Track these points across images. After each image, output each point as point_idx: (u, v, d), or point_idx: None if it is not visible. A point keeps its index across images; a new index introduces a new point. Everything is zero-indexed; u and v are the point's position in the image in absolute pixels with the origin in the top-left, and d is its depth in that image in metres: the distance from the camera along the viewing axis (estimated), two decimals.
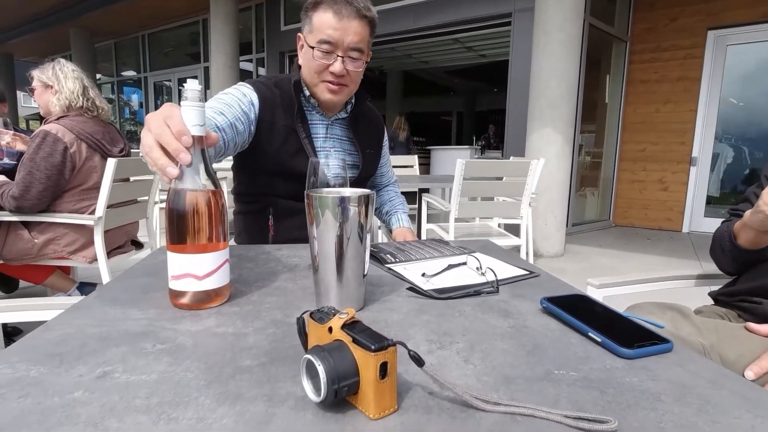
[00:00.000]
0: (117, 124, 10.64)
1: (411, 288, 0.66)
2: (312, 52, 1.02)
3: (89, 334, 0.49)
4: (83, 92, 1.84)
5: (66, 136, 1.73)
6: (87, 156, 1.81)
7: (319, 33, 1.00)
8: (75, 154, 1.76)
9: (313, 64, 1.04)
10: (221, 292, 0.59)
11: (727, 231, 0.93)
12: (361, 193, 0.55)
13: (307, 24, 1.04)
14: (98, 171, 1.84)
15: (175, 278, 0.57)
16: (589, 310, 0.57)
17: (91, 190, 1.84)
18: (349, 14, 0.99)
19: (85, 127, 1.81)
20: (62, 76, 1.82)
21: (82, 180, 1.82)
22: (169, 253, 0.57)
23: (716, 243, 0.97)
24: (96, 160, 1.84)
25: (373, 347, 0.34)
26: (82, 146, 1.79)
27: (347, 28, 1.00)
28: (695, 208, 4.96)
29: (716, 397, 0.39)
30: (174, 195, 0.55)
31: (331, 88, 1.06)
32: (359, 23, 1.01)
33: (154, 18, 8.36)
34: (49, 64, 1.87)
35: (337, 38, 1.00)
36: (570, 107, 3.73)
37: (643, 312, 0.78)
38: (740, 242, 0.88)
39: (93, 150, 1.83)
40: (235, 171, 1.19)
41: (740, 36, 4.57)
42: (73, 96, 1.81)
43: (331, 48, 1.01)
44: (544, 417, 0.36)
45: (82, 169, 1.80)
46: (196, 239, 0.56)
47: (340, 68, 1.02)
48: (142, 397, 0.37)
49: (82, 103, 1.83)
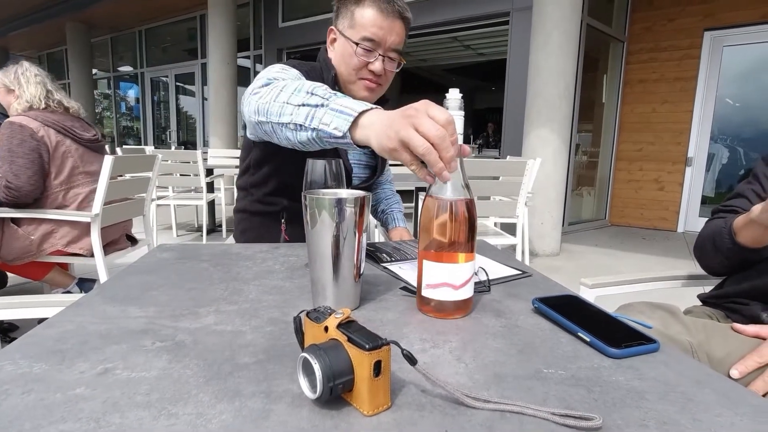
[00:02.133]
0: (113, 119, 10.59)
1: (405, 287, 0.67)
2: (354, 48, 1.00)
3: (90, 331, 0.50)
4: (46, 96, 1.83)
5: (31, 124, 1.73)
6: (57, 141, 1.79)
7: (362, 29, 0.99)
8: (44, 139, 1.75)
9: (353, 61, 1.01)
10: (469, 303, 0.59)
11: (725, 227, 0.88)
12: (357, 195, 0.56)
13: (347, 18, 1.01)
14: (73, 155, 1.83)
15: (431, 287, 0.57)
16: (579, 310, 0.58)
17: (74, 177, 1.83)
18: (393, 13, 0.98)
19: (49, 116, 1.80)
20: (24, 80, 1.82)
21: (59, 165, 1.80)
22: (425, 261, 0.57)
23: (708, 240, 0.93)
24: (67, 144, 1.83)
25: (368, 346, 0.35)
26: (50, 131, 1.77)
27: (391, 27, 0.99)
28: (690, 208, 5.00)
29: (699, 396, 0.41)
30: (436, 204, 0.56)
31: (369, 86, 1.04)
32: (401, 24, 1.01)
33: (151, 12, 8.32)
34: (12, 67, 1.86)
35: (381, 37, 0.99)
36: (567, 106, 3.75)
37: (634, 311, 0.80)
38: (741, 240, 0.84)
39: (63, 135, 1.82)
40: (250, 163, 1.11)
41: (736, 37, 4.60)
42: (34, 100, 1.81)
43: (374, 46, 1.00)
44: (532, 414, 0.37)
45: (55, 153, 1.79)
46: (457, 248, 0.56)
47: (380, 67, 1.01)
48: (143, 393, 0.38)
49: (45, 104, 1.82)
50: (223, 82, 6.14)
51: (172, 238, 4.18)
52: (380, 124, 0.59)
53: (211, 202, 4.28)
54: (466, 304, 0.58)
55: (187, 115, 9.10)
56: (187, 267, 0.77)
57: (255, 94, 0.78)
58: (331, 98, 0.67)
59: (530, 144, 3.83)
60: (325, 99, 0.67)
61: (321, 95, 0.68)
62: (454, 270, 0.56)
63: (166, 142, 9.32)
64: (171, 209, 4.20)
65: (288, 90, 0.72)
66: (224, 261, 0.81)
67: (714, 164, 4.93)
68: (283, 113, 0.71)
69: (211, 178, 4.18)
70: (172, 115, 9.17)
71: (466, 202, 0.57)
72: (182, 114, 9.17)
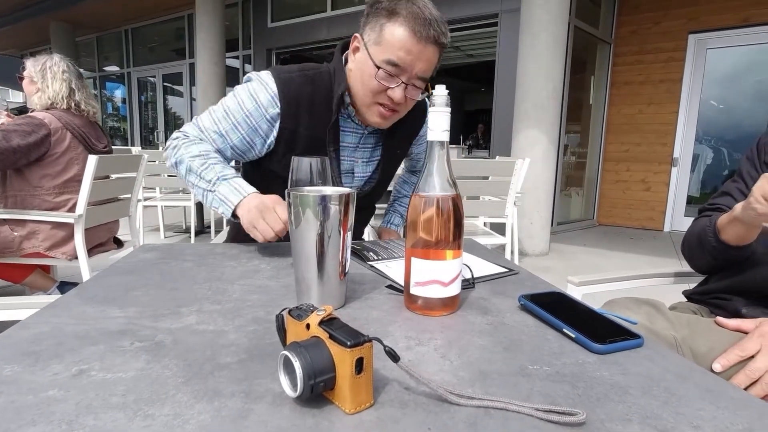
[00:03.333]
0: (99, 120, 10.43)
1: (391, 286, 0.67)
2: (375, 70, 0.87)
3: (66, 332, 0.49)
4: (69, 95, 1.81)
5: (53, 124, 1.71)
6: (70, 146, 1.77)
7: (389, 50, 0.86)
8: (56, 142, 1.73)
9: (371, 83, 0.89)
10: (456, 300, 0.59)
11: (710, 226, 0.87)
12: (341, 192, 0.55)
13: (375, 32, 0.88)
14: (80, 163, 1.81)
15: (420, 284, 0.57)
16: (565, 307, 0.58)
17: (71, 183, 1.81)
18: (427, 38, 0.84)
19: (73, 119, 1.80)
20: (50, 75, 1.80)
21: (61, 170, 1.78)
22: (413, 259, 0.57)
23: (694, 239, 0.93)
24: (79, 151, 1.82)
25: (349, 343, 0.34)
26: (67, 135, 1.76)
27: (421, 53, 0.86)
28: (676, 207, 5.07)
29: (682, 390, 0.41)
30: (423, 201, 0.56)
31: (384, 113, 0.93)
32: (434, 50, 0.87)
33: (137, 12, 8.21)
34: (42, 57, 1.84)
35: (408, 63, 0.86)
36: (555, 108, 3.78)
37: (620, 307, 0.80)
38: (725, 238, 0.84)
39: (78, 141, 1.81)
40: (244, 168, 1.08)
41: (719, 40, 4.68)
42: (57, 97, 1.79)
43: (398, 72, 0.88)
44: (516, 410, 0.37)
45: (62, 157, 1.76)
46: (444, 245, 0.56)
47: (401, 96, 0.89)
48: (119, 394, 0.37)
49: (66, 105, 1.80)
50: (212, 82, 6.08)
51: (159, 239, 4.12)
52: (247, 214, 0.83)
53: (199, 204, 4.24)
54: (454, 301, 0.58)
55: (176, 115, 9.00)
56: (171, 267, 0.75)
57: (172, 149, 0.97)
58: (216, 185, 0.88)
59: (519, 144, 3.86)
60: (212, 185, 0.89)
61: (208, 180, 0.89)
62: (443, 267, 0.56)
63: (153, 143, 9.20)
64: (158, 210, 4.15)
65: (184, 167, 0.93)
66: (209, 261, 0.80)
67: (699, 165, 5.02)
68: (187, 182, 0.94)
69: None
70: (159, 115, 9.06)
71: (452, 198, 0.56)
72: (170, 114, 9.06)
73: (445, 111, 0.56)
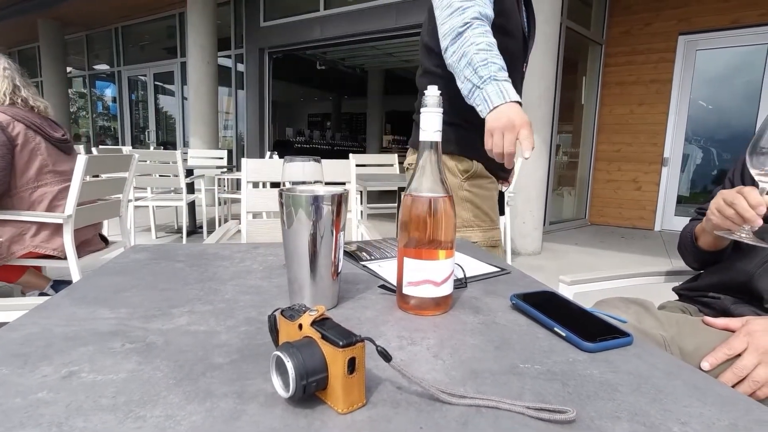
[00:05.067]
0: (89, 119, 10.31)
1: (384, 286, 0.67)
2: None
3: (56, 333, 0.48)
4: (12, 91, 1.77)
5: (0, 117, 1.67)
6: (28, 137, 1.73)
7: None
8: (14, 134, 1.69)
9: None
10: (448, 299, 0.59)
11: (689, 232, 0.97)
12: (334, 192, 0.55)
13: None
14: (42, 153, 1.77)
15: (412, 284, 0.57)
16: (556, 306, 0.59)
17: (42, 175, 1.77)
18: None
19: (18, 112, 1.74)
20: None
21: (26, 162, 1.74)
22: (405, 259, 0.57)
23: (681, 241, 1.02)
24: (38, 141, 1.77)
25: (341, 343, 0.35)
26: (19, 126, 1.71)
27: None
28: (666, 207, 5.13)
29: (670, 387, 0.41)
30: (415, 201, 0.56)
31: None
32: None
33: (127, 10, 8.13)
34: None
35: None
36: (547, 108, 3.81)
37: (610, 306, 0.81)
38: (700, 244, 0.93)
39: (33, 132, 1.76)
40: None
41: (708, 41, 4.74)
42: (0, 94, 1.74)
43: None
44: (507, 408, 0.37)
45: (23, 149, 1.72)
46: (437, 245, 0.56)
47: None
48: (109, 396, 0.37)
49: (10, 100, 1.76)
50: (204, 81, 6.04)
51: (150, 239, 4.09)
52: (494, 121, 0.92)
53: (191, 204, 4.21)
54: (446, 300, 0.59)
55: (167, 114, 8.93)
56: (162, 267, 0.75)
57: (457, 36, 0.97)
58: (486, 83, 0.93)
59: None
60: (482, 82, 0.93)
61: (480, 76, 0.93)
62: (435, 267, 0.56)
63: (144, 143, 9.12)
64: (150, 210, 4.11)
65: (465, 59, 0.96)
66: (201, 261, 0.79)
67: (689, 165, 5.08)
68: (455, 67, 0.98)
69: (191, 179, 4.10)
70: (150, 114, 8.98)
71: (443, 199, 0.57)
72: (161, 114, 8.99)
73: (437, 111, 0.57)
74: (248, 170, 1.48)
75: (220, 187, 4.89)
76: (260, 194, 1.53)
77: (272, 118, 7.28)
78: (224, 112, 7.57)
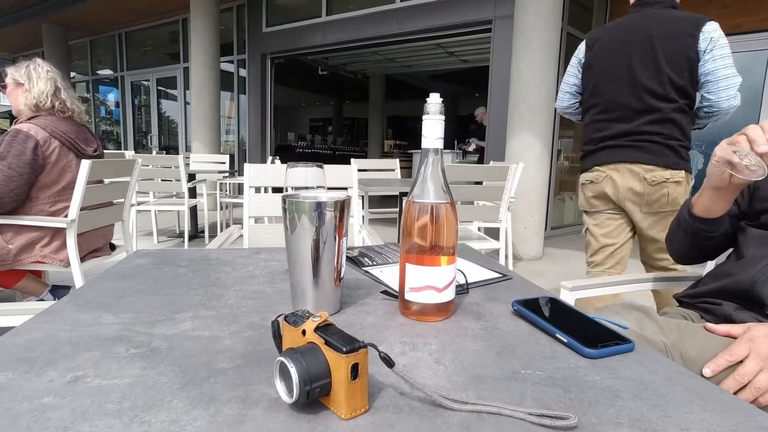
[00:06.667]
0: (92, 123, 10.36)
1: (386, 291, 0.67)
2: None
3: (60, 338, 0.48)
4: (54, 93, 1.80)
5: (39, 134, 1.70)
6: (60, 154, 1.77)
7: None
8: (47, 152, 1.72)
9: None
10: (450, 305, 0.59)
11: (685, 204, 0.97)
12: (337, 198, 0.56)
13: None
14: (73, 170, 1.80)
15: (414, 290, 0.57)
16: (557, 312, 0.59)
17: (66, 191, 1.80)
18: None
19: (58, 126, 1.78)
20: (35, 75, 1.79)
21: (55, 179, 1.77)
22: (408, 265, 0.57)
23: (674, 222, 1.01)
24: (70, 158, 1.81)
25: (345, 349, 0.35)
26: (55, 143, 1.75)
27: None
28: None
29: (671, 394, 0.42)
30: (417, 207, 0.56)
31: None
32: None
33: (131, 16, 8.19)
34: (23, 63, 1.84)
35: None
36: (549, 112, 3.81)
37: (611, 313, 0.81)
38: (695, 211, 0.91)
39: (67, 149, 1.80)
40: None
41: None
42: (42, 96, 1.78)
43: None
44: (509, 414, 0.37)
45: (54, 167, 1.76)
46: (439, 251, 0.57)
47: None
48: (114, 401, 0.37)
49: (51, 103, 1.79)
50: (206, 86, 6.08)
51: (152, 244, 4.10)
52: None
53: (193, 208, 4.22)
54: (448, 306, 0.59)
55: (169, 119, 8.97)
56: (165, 272, 0.75)
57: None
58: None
59: (513, 149, 3.88)
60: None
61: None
62: (437, 273, 0.57)
63: (147, 147, 9.15)
64: (152, 215, 4.12)
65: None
66: (203, 266, 0.80)
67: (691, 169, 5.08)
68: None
69: (194, 183, 4.11)
70: (153, 119, 9.02)
71: (446, 205, 0.57)
72: (164, 118, 9.02)
73: (439, 119, 0.57)
74: (250, 175, 1.49)
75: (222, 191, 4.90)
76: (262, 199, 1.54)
77: (274, 123, 7.31)
78: (226, 116, 7.60)
